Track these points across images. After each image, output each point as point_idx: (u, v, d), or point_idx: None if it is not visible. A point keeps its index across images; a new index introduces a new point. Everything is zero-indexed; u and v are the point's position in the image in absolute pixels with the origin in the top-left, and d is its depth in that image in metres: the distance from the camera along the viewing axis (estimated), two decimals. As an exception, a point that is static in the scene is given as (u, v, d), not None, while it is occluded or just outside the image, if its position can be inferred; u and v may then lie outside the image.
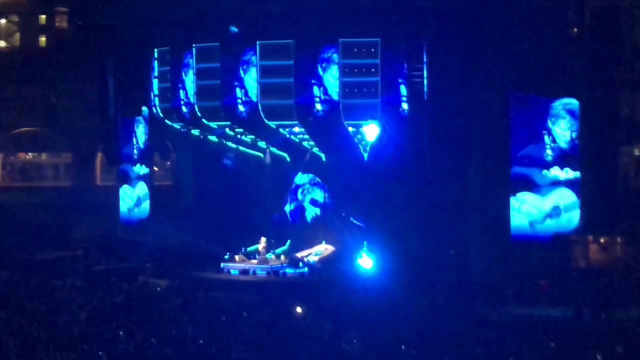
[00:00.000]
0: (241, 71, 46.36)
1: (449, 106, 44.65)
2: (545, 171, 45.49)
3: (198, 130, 50.71)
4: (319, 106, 45.37)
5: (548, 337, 30.21)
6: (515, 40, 45.26)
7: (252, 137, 50.74)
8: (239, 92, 46.37)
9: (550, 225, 45.50)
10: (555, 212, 45.52)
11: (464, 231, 46.58)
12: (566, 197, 45.45)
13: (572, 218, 45.41)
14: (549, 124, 45.67)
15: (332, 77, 45.19)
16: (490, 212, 46.01)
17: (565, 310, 36.08)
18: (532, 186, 45.67)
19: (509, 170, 45.72)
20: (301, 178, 52.83)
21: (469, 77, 45.01)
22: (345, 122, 45.48)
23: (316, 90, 45.24)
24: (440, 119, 44.56)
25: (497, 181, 45.96)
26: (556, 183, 45.59)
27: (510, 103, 45.57)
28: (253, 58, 46.21)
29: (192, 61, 47.66)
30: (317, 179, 52.36)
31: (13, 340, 29.84)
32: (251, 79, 46.26)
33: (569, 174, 45.44)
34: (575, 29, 46.87)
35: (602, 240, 45.24)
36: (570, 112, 45.75)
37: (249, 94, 46.29)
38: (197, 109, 47.69)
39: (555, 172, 45.50)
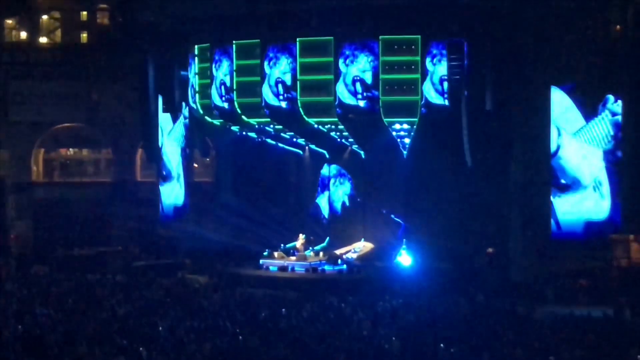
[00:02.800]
0: (282, 68, 46.33)
1: (489, 102, 44.37)
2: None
3: (238, 127, 50.79)
4: (361, 103, 45.25)
5: (588, 337, 29.96)
6: (556, 36, 44.93)
7: (292, 133, 50.73)
8: (279, 89, 46.36)
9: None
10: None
11: (503, 229, 46.36)
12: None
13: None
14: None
15: (372, 75, 45.04)
16: (530, 210, 45.72)
17: (606, 310, 35.71)
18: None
19: (549, 167, 45.42)
20: (327, 169, 52.76)
21: (509, 72, 44.74)
22: (385, 120, 45.34)
23: (358, 87, 45.12)
24: (481, 115, 44.30)
25: (537, 178, 45.65)
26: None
27: (550, 98, 45.24)
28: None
29: (233, 57, 47.67)
30: (341, 168, 52.22)
31: (54, 336, 30.00)
32: (290, 75, 46.25)
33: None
34: (618, 26, 46.47)
35: (644, 239, 44.87)
36: (612, 112, 45.45)
37: (290, 90, 46.27)
38: (236, 106, 47.72)
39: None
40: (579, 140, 45.82)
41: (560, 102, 45.83)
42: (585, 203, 46.04)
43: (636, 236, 45.21)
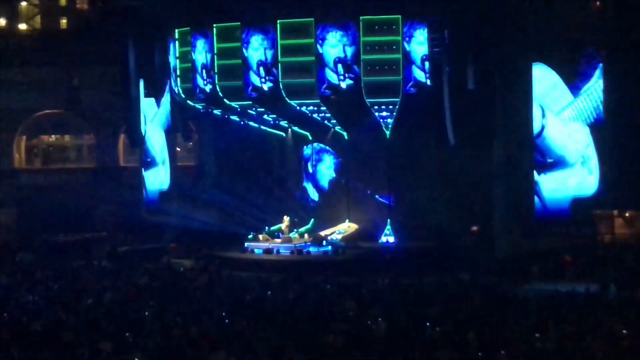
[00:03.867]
0: (263, 50, 46.21)
1: (470, 81, 44.35)
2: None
3: (220, 111, 50.68)
4: (342, 84, 45.18)
5: (574, 313, 30.08)
6: (536, 12, 44.88)
7: (274, 116, 50.64)
8: (261, 72, 46.24)
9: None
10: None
11: (488, 207, 46.46)
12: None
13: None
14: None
15: (353, 55, 44.97)
16: (514, 187, 45.82)
17: (590, 286, 35.87)
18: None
19: (532, 144, 45.47)
20: (306, 150, 52.73)
21: (490, 51, 44.72)
22: (367, 100, 45.31)
23: (339, 68, 45.05)
24: (463, 94, 44.28)
25: (520, 155, 45.74)
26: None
27: (531, 75, 45.23)
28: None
29: (213, 41, 47.50)
30: (322, 145, 52.17)
31: (40, 323, 29.95)
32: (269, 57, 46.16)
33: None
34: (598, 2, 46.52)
35: (627, 214, 44.99)
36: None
37: (271, 73, 46.16)
38: (218, 89, 47.59)
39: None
40: (564, 119, 45.81)
41: (547, 79, 45.69)
42: (571, 180, 46.04)
43: (620, 211, 45.39)
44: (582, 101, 45.62)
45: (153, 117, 55.26)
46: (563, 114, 45.85)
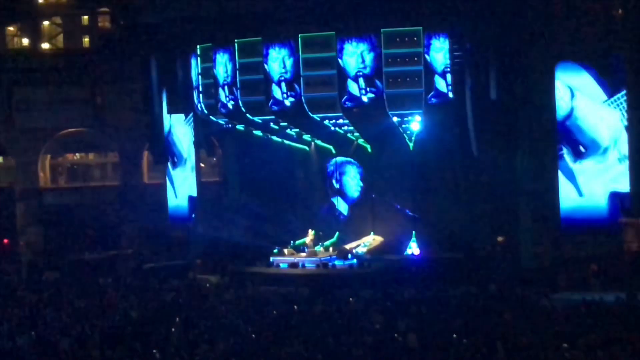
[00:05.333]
0: (284, 65, 46.27)
1: (493, 92, 44.25)
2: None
3: (243, 126, 50.78)
4: (365, 98, 45.16)
5: (601, 322, 29.91)
6: (558, 20, 44.68)
7: (297, 130, 50.69)
8: (283, 87, 46.31)
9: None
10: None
11: (513, 217, 46.27)
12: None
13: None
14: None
15: (374, 68, 44.94)
16: (539, 197, 45.58)
17: (618, 294, 35.65)
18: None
19: (556, 152, 45.17)
20: (331, 164, 52.71)
21: (512, 58, 44.59)
22: (390, 112, 45.29)
23: (360, 81, 45.03)
24: (485, 104, 44.18)
25: (545, 164, 45.48)
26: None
27: (555, 83, 44.90)
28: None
29: (235, 56, 47.62)
30: (343, 158, 52.13)
31: (67, 341, 30.05)
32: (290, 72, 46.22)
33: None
34: (620, 10, 46.16)
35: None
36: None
37: (292, 87, 46.21)
38: (241, 104, 47.69)
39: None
40: (594, 102, 44.83)
41: (578, 77, 44.91)
42: (607, 170, 45.00)
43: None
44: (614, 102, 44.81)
45: (185, 120, 54.98)
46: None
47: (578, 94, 44.56)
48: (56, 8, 64.92)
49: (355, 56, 44.99)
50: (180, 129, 55.38)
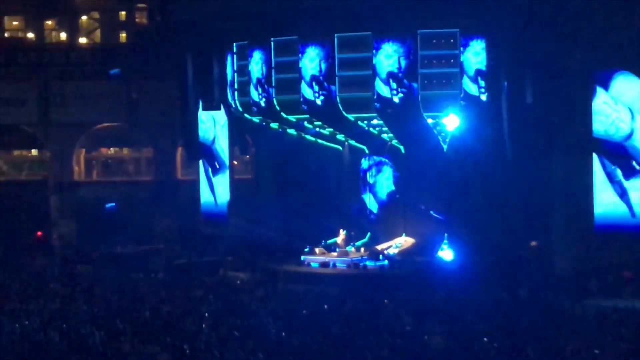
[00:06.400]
0: (319, 63, 46.28)
1: (529, 95, 44.04)
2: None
3: (277, 124, 50.83)
4: (396, 98, 45.08)
5: (634, 330, 29.70)
6: (596, 24, 44.35)
7: (331, 129, 50.68)
8: (314, 86, 46.31)
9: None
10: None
11: (546, 222, 46.04)
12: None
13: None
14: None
15: (406, 68, 44.84)
16: (574, 202, 45.34)
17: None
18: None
19: (591, 159, 44.93)
20: (364, 162, 52.66)
21: (549, 63, 44.35)
22: (424, 114, 45.18)
23: (392, 83, 44.95)
24: (521, 107, 43.98)
25: (579, 170, 45.24)
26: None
27: (591, 88, 44.61)
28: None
29: (271, 54, 47.70)
30: (381, 157, 52.06)
31: (98, 334, 30.19)
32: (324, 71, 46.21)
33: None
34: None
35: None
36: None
37: (325, 87, 46.19)
38: (275, 103, 47.75)
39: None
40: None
41: (634, 88, 44.50)
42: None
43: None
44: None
45: (224, 125, 55.20)
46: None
47: (638, 116, 44.17)
48: (94, 3, 65.30)
49: (391, 57, 44.89)
50: (221, 135, 55.52)
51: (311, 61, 46.38)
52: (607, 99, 44.52)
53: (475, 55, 44.28)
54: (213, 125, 55.35)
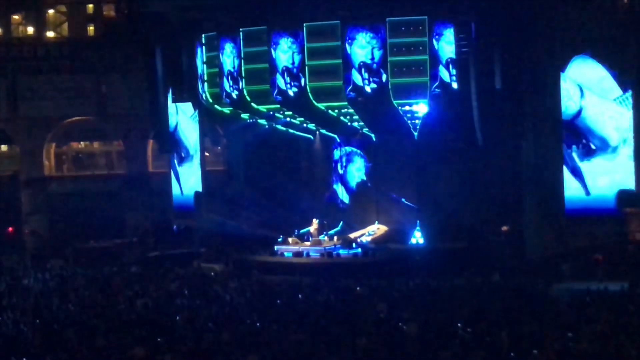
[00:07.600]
0: (291, 54, 46.21)
1: (498, 81, 44.17)
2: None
3: (247, 115, 50.76)
4: (368, 88, 45.10)
5: (606, 312, 29.89)
6: (563, 11, 44.54)
7: (302, 119, 50.66)
8: (286, 76, 46.26)
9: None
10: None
11: (517, 207, 46.25)
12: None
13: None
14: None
15: (380, 58, 44.85)
16: (544, 187, 45.57)
17: (622, 284, 35.63)
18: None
19: (561, 143, 45.14)
20: (336, 153, 52.71)
21: (518, 49, 44.50)
22: (395, 102, 45.23)
23: (363, 72, 44.96)
24: (490, 94, 44.11)
25: (549, 155, 45.45)
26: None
27: (559, 75, 44.84)
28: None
29: (240, 45, 47.59)
30: (352, 148, 52.11)
31: (72, 329, 30.09)
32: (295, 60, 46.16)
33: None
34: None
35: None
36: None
37: (296, 76, 46.16)
38: (245, 93, 47.67)
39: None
40: (604, 100, 44.72)
41: (592, 71, 44.73)
42: (616, 168, 44.86)
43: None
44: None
45: (192, 116, 54.97)
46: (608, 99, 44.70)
47: (588, 92, 44.48)
48: (62, -3, 64.91)
49: (364, 47, 44.85)
50: (187, 125, 55.35)
51: (284, 53, 46.31)
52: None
53: (448, 44, 44.37)
54: (175, 112, 55.15)
